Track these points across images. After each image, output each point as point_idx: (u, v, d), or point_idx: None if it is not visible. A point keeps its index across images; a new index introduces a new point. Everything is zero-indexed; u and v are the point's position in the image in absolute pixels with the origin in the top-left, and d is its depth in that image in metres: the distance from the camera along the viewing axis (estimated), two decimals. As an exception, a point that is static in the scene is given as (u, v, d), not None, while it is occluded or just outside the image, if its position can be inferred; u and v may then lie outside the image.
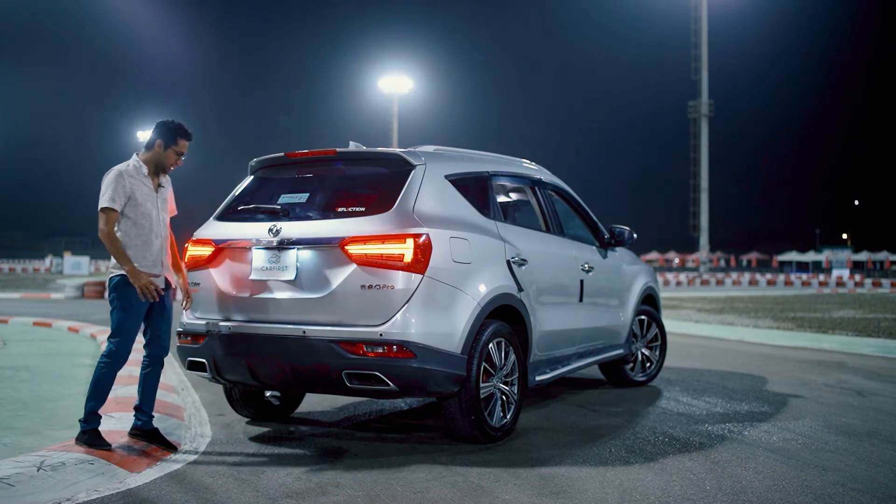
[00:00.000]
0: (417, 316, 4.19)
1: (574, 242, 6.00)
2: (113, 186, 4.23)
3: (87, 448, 4.08)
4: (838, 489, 3.75)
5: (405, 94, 55.82)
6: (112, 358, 4.26)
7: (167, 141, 4.42)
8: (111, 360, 4.26)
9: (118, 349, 4.27)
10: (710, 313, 16.75)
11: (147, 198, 4.36)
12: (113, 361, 4.26)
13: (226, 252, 4.65)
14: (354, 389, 4.31)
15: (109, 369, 4.26)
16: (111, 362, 4.26)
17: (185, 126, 4.51)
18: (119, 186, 4.24)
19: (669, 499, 3.60)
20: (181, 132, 4.46)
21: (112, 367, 4.26)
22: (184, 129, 4.49)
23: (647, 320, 6.93)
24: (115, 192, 4.22)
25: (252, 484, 3.81)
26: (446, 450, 4.49)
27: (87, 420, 4.22)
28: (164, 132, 4.43)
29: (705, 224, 52.57)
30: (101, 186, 4.28)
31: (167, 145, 4.42)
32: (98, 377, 4.25)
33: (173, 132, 4.44)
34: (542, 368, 5.29)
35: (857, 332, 12.06)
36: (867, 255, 68.91)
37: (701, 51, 51.77)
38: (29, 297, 21.97)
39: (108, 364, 4.25)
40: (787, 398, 6.26)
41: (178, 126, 4.47)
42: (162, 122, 4.48)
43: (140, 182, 4.34)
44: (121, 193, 4.24)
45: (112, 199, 4.21)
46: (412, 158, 4.64)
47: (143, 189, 4.35)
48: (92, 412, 4.22)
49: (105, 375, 4.25)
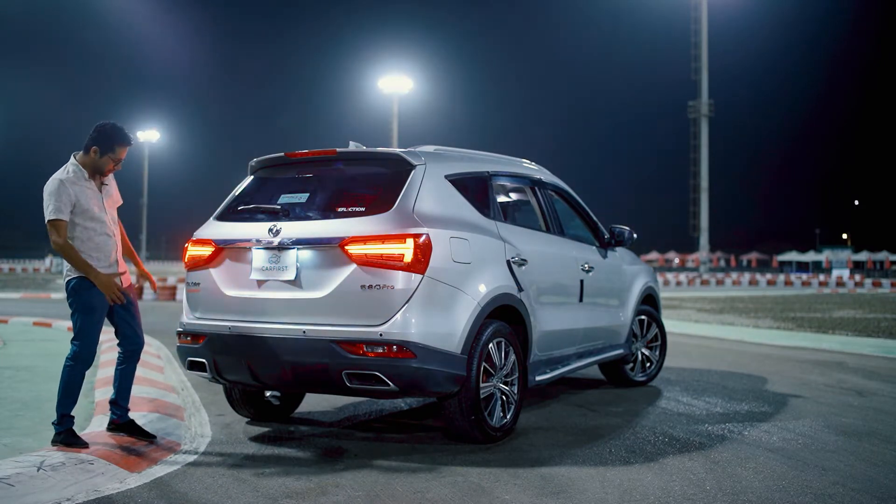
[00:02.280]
0: (417, 316, 4.19)
1: (574, 242, 6.00)
2: (56, 196, 4.14)
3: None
4: (838, 489, 3.75)
5: (405, 94, 55.83)
6: (76, 360, 4.27)
7: (103, 148, 4.25)
8: (75, 362, 4.27)
9: (81, 351, 4.28)
10: (710, 313, 16.75)
11: (92, 201, 4.27)
12: (77, 364, 4.27)
13: (226, 252, 4.65)
14: (354, 389, 4.31)
15: (76, 371, 4.27)
16: (75, 365, 4.27)
17: (123, 131, 4.29)
18: (62, 195, 4.15)
19: (669, 499, 3.60)
20: (119, 139, 4.27)
21: (78, 369, 4.27)
22: (122, 134, 4.28)
23: (647, 320, 6.93)
24: (58, 201, 4.14)
25: (252, 484, 3.81)
26: (446, 450, 4.49)
27: (60, 422, 4.22)
28: (100, 138, 4.25)
29: (705, 224, 52.53)
30: (44, 198, 4.18)
31: (103, 152, 4.26)
32: (66, 380, 4.25)
33: (110, 139, 4.25)
34: (542, 368, 5.29)
35: (857, 332, 12.06)
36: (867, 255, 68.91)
37: (701, 51, 51.72)
38: (29, 297, 21.96)
39: (73, 367, 4.27)
40: (787, 398, 6.26)
41: (116, 132, 4.26)
42: (99, 125, 4.30)
43: (82, 187, 4.24)
44: (65, 202, 4.15)
45: (58, 210, 4.14)
46: (412, 158, 4.64)
47: (87, 192, 4.25)
48: (64, 415, 4.23)
49: (73, 378, 4.26)
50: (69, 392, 4.25)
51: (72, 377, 4.26)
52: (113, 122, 4.31)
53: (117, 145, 4.27)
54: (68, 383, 4.25)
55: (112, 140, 4.26)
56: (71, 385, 4.25)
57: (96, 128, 4.29)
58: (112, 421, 4.48)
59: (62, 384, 4.26)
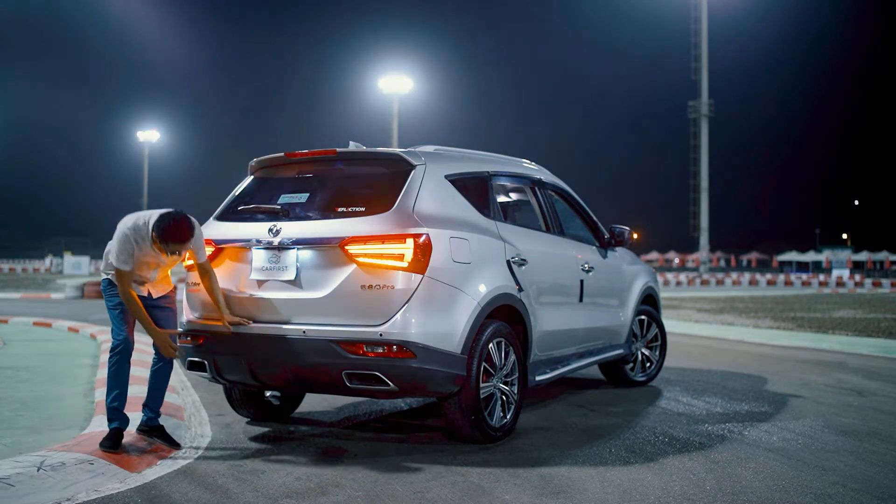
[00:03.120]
0: (417, 316, 4.19)
1: (574, 242, 6.00)
2: (118, 247, 4.23)
3: (88, 448, 4.08)
4: (838, 489, 3.75)
5: (405, 94, 55.87)
6: (111, 350, 4.36)
7: (159, 238, 4.23)
8: (112, 352, 4.35)
9: (114, 340, 4.36)
10: (710, 313, 16.75)
11: (149, 259, 4.34)
12: (113, 354, 4.34)
13: (226, 252, 4.65)
14: (354, 389, 4.31)
15: (113, 361, 4.34)
16: (112, 356, 4.35)
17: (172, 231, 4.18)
18: (124, 248, 4.23)
19: (669, 499, 3.60)
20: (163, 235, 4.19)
21: (114, 358, 4.33)
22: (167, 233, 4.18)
23: (647, 320, 6.93)
24: (120, 252, 4.22)
25: (252, 484, 3.81)
26: (446, 450, 4.49)
27: (108, 419, 4.29)
28: (157, 229, 4.21)
29: (705, 224, 52.54)
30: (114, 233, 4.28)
31: (160, 241, 4.24)
32: (109, 373, 4.33)
33: (163, 236, 4.19)
34: (542, 368, 5.30)
35: (857, 332, 12.06)
36: (867, 255, 68.89)
37: (701, 51, 51.74)
38: (29, 297, 21.97)
39: (111, 358, 4.36)
40: (787, 398, 6.27)
41: (164, 230, 4.18)
42: (163, 214, 4.26)
43: (146, 248, 4.29)
44: (127, 254, 4.23)
45: (120, 261, 4.23)
46: (412, 158, 4.64)
47: (149, 253, 4.31)
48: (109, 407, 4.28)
49: (112, 368, 4.33)
50: (113, 383, 4.31)
51: (113, 369, 4.33)
52: (174, 217, 4.20)
53: (171, 241, 4.22)
54: (111, 375, 4.32)
55: (163, 235, 4.20)
56: (115, 376, 4.31)
57: (160, 216, 4.24)
58: (142, 423, 4.48)
59: (107, 377, 4.34)
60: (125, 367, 4.34)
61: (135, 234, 4.25)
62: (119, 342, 4.33)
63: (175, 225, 4.20)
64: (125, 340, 4.33)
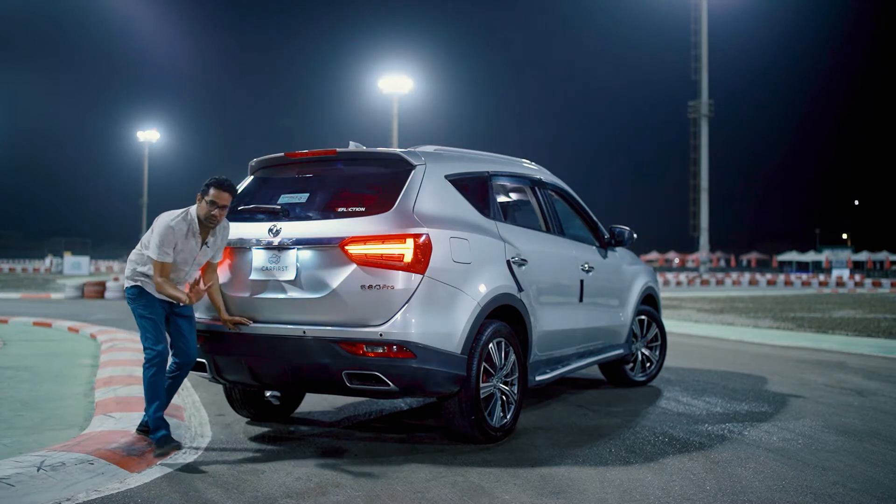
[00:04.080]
0: (417, 316, 4.19)
1: (574, 242, 6.00)
2: (159, 239, 4.23)
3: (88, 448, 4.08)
4: (838, 489, 3.75)
5: (405, 94, 55.85)
6: (148, 362, 4.28)
7: (202, 190, 4.32)
8: (147, 364, 4.28)
9: (151, 351, 4.28)
10: (710, 313, 16.75)
11: (188, 254, 4.34)
12: (148, 365, 4.27)
13: (226, 252, 4.65)
14: (354, 389, 4.31)
15: (151, 373, 4.26)
16: (147, 367, 4.27)
17: (222, 177, 4.35)
18: (167, 239, 4.24)
19: (669, 499, 3.60)
20: (213, 181, 4.33)
21: (152, 369, 4.25)
22: (217, 178, 4.34)
23: (647, 320, 6.93)
24: (161, 244, 4.23)
25: (252, 484, 3.81)
26: (446, 450, 4.49)
27: (153, 429, 4.25)
28: (209, 181, 4.33)
29: (705, 224, 52.53)
30: (154, 225, 4.29)
31: (202, 195, 4.32)
32: (147, 384, 4.27)
33: (205, 185, 4.33)
34: (542, 368, 5.29)
35: (857, 332, 12.06)
36: (867, 255, 68.89)
37: (701, 51, 51.74)
38: (29, 297, 21.97)
39: (147, 369, 4.27)
40: (787, 398, 6.27)
41: (216, 180, 4.33)
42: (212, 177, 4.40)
43: (187, 239, 4.31)
44: (169, 245, 4.24)
45: (162, 254, 4.23)
46: (412, 158, 4.64)
47: (189, 244, 4.32)
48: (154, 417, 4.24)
49: (150, 380, 4.26)
50: (151, 393, 4.26)
51: (149, 379, 4.26)
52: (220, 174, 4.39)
53: (212, 187, 4.29)
54: (148, 386, 4.26)
55: (208, 182, 4.32)
56: (150, 387, 4.25)
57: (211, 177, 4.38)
58: (142, 422, 4.45)
59: (144, 388, 4.29)
60: (162, 378, 4.30)
61: (180, 223, 4.27)
62: (156, 353, 4.26)
63: (217, 176, 4.33)
64: (163, 352, 4.28)
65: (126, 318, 13.96)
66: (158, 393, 4.28)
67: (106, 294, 21.87)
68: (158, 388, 4.28)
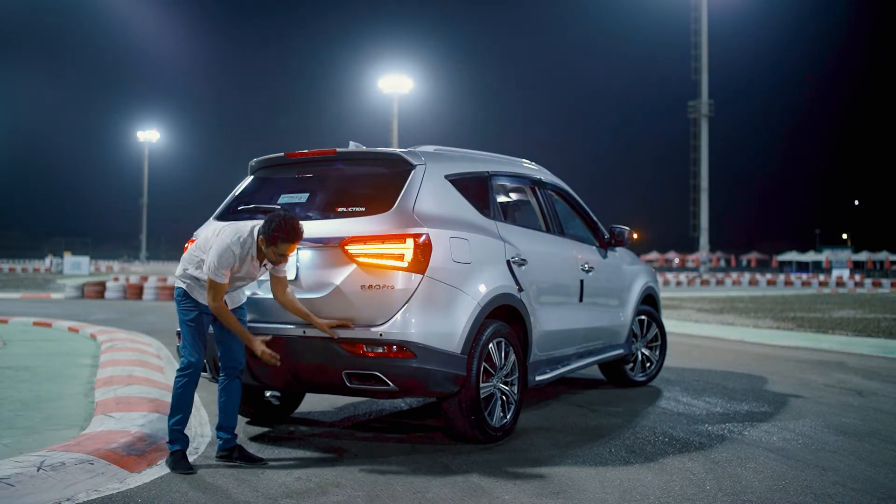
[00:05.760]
0: (417, 316, 4.19)
1: (574, 242, 6.00)
2: (218, 261, 4.00)
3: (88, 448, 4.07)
4: (838, 489, 3.75)
5: (405, 94, 55.90)
6: (181, 371, 4.13)
7: (267, 240, 4.01)
8: (179, 372, 4.13)
9: (184, 360, 4.15)
10: (710, 313, 16.75)
11: (245, 273, 4.14)
12: (180, 374, 4.12)
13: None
14: (354, 389, 4.31)
15: (182, 383, 4.11)
16: (179, 376, 4.12)
17: (287, 229, 3.96)
18: (226, 261, 4.01)
19: (669, 499, 3.60)
20: (284, 234, 3.97)
21: (183, 380, 4.10)
22: (283, 233, 3.96)
23: (647, 320, 6.93)
24: (219, 266, 3.99)
25: (252, 484, 3.81)
26: (446, 450, 4.49)
27: (170, 440, 4.08)
28: (266, 230, 4.00)
29: (705, 224, 52.53)
30: (212, 244, 4.05)
31: (268, 244, 4.02)
32: (176, 394, 4.10)
33: (273, 235, 3.98)
34: (542, 368, 5.29)
35: (857, 332, 12.06)
36: (867, 255, 68.92)
37: (701, 51, 51.74)
38: (29, 297, 21.96)
39: (178, 379, 4.12)
40: (787, 398, 6.27)
41: (278, 228, 3.96)
42: (272, 215, 4.04)
43: (245, 262, 4.09)
44: (227, 267, 4.02)
45: (220, 275, 4.01)
46: (412, 158, 4.64)
47: (246, 265, 4.11)
48: (173, 429, 4.07)
49: (178, 390, 4.10)
50: (177, 405, 4.10)
51: (178, 390, 4.11)
52: (284, 214, 4.01)
53: (281, 242, 3.99)
54: (176, 396, 4.10)
55: (275, 238, 3.99)
56: (178, 398, 4.09)
57: (268, 218, 4.03)
58: (220, 447, 4.23)
59: (172, 398, 4.12)
60: (191, 390, 4.12)
61: (241, 248, 4.04)
62: (190, 363, 4.10)
63: (286, 222, 3.97)
64: (197, 363, 4.12)
65: (126, 318, 13.97)
66: (184, 405, 4.10)
67: (106, 294, 21.87)
68: (185, 400, 4.10)
